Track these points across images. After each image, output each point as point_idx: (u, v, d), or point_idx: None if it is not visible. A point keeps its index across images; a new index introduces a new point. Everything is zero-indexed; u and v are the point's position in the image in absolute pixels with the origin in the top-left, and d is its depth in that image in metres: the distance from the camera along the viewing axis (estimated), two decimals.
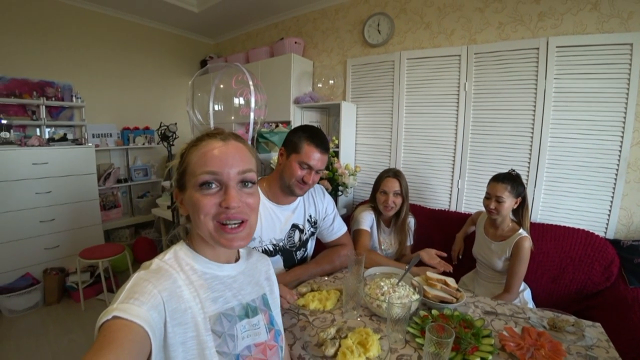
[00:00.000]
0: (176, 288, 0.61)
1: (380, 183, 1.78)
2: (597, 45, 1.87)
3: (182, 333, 0.59)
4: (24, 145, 2.61)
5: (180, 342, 0.59)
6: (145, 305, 0.53)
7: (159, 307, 0.56)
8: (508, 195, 1.59)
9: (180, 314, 0.59)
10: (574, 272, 1.80)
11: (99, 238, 3.01)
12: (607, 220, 1.94)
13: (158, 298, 0.56)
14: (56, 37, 3.01)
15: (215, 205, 0.64)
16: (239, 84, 1.82)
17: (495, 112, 2.23)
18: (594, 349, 0.94)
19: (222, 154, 0.65)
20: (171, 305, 0.58)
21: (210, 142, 0.67)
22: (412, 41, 2.56)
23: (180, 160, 0.70)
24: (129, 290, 0.55)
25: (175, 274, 0.63)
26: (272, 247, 1.34)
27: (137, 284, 0.57)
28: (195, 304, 0.62)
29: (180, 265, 0.66)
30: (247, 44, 3.87)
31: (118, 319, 0.50)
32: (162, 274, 0.61)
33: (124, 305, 0.51)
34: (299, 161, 1.25)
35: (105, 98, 3.37)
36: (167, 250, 0.69)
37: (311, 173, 1.26)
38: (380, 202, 1.76)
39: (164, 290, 0.58)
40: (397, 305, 0.94)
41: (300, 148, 1.26)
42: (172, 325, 0.58)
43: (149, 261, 0.65)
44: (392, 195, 1.72)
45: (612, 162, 1.90)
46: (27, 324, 2.37)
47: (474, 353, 0.88)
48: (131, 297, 0.53)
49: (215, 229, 0.65)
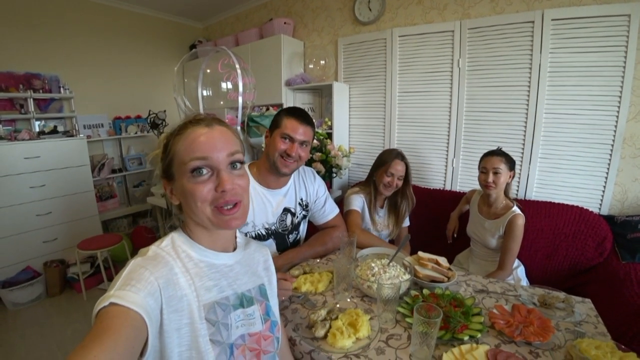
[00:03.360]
0: (172, 275, 0.61)
1: (387, 165, 1.71)
2: (594, 17, 1.81)
3: (177, 320, 0.59)
4: (14, 140, 2.58)
5: (175, 329, 0.59)
6: (142, 292, 0.53)
7: (156, 293, 0.56)
8: (504, 168, 1.59)
9: (176, 301, 0.60)
10: (567, 248, 1.80)
11: (97, 229, 3.03)
12: (601, 196, 1.93)
13: (155, 285, 0.56)
14: (40, 28, 2.92)
15: (210, 191, 0.65)
16: (226, 67, 1.77)
17: (490, 89, 2.18)
18: (582, 325, 0.95)
19: (210, 139, 0.65)
20: (167, 292, 0.58)
21: (196, 129, 0.66)
22: (404, 17, 2.48)
23: (164, 150, 0.69)
24: (125, 277, 0.55)
25: (172, 261, 0.63)
26: (265, 231, 1.34)
27: (134, 270, 0.57)
28: (190, 291, 0.62)
29: (177, 252, 0.66)
30: (236, 26, 3.77)
31: (115, 305, 0.50)
32: (158, 260, 0.61)
33: (120, 292, 0.52)
34: (281, 134, 1.26)
35: (95, 88, 3.30)
36: (164, 237, 0.69)
37: (294, 145, 1.25)
38: (383, 182, 1.72)
39: (160, 277, 0.58)
40: (387, 286, 0.95)
41: (281, 122, 1.27)
42: (168, 312, 0.58)
43: (146, 248, 0.65)
44: (397, 179, 1.72)
45: (607, 137, 1.87)
46: (31, 315, 2.41)
47: (463, 331, 0.89)
48: (128, 283, 0.54)
49: (213, 213, 0.66)
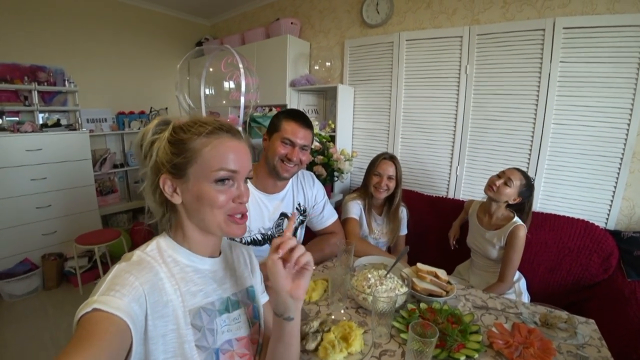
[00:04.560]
0: (158, 280, 0.60)
1: (374, 166, 1.73)
2: (607, 27, 1.76)
3: (162, 326, 0.58)
4: (17, 132, 2.58)
5: (161, 335, 0.58)
6: (126, 298, 0.52)
7: (140, 299, 0.55)
8: (517, 185, 1.54)
9: (162, 306, 0.59)
10: (571, 263, 1.76)
11: (96, 223, 3.02)
12: (608, 210, 1.88)
13: (139, 290, 0.55)
14: (46, 20, 2.92)
15: (228, 200, 0.66)
16: (229, 67, 1.75)
17: (497, 97, 2.14)
18: (585, 348, 0.91)
19: (241, 154, 0.67)
20: (152, 297, 0.57)
21: (227, 140, 0.66)
22: (412, 21, 2.45)
23: (179, 147, 0.63)
24: (109, 281, 0.54)
25: (157, 266, 0.62)
26: (261, 237, 1.32)
27: (118, 275, 0.56)
28: (176, 297, 0.62)
29: (163, 257, 0.65)
30: (242, 24, 3.75)
31: (98, 311, 0.48)
32: (143, 265, 0.60)
33: (104, 298, 0.50)
34: (281, 138, 1.24)
35: (99, 82, 3.30)
36: (149, 241, 0.68)
37: (295, 149, 1.23)
38: (372, 184, 1.71)
39: (145, 283, 0.57)
40: (382, 300, 0.91)
41: (279, 126, 1.25)
42: (153, 318, 0.57)
43: (130, 252, 0.64)
44: (385, 178, 1.69)
45: (616, 150, 1.82)
46: (27, 308, 2.41)
47: (460, 351, 0.85)
48: (112, 289, 0.52)
49: (225, 221, 0.67)
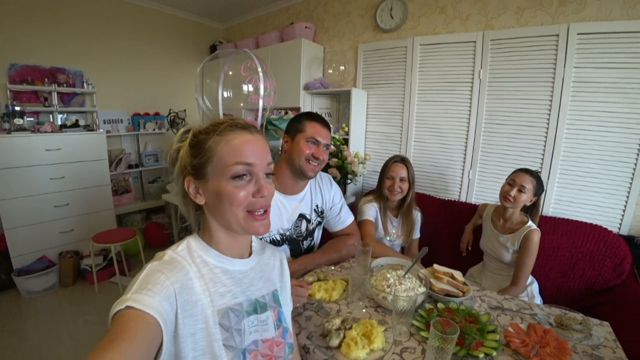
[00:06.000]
0: (188, 280, 0.62)
1: (386, 169, 1.78)
2: (622, 32, 1.77)
3: (192, 325, 0.60)
4: (37, 132, 2.65)
5: (190, 334, 0.60)
6: (157, 296, 0.54)
7: (171, 298, 0.57)
8: (531, 189, 1.58)
9: (191, 306, 0.61)
10: (584, 267, 1.77)
11: (111, 222, 3.09)
12: (621, 215, 1.88)
13: (170, 289, 0.57)
14: (66, 23, 3.01)
15: (247, 195, 0.66)
16: (248, 70, 1.80)
17: (510, 102, 2.16)
18: (600, 349, 0.93)
19: (255, 146, 0.68)
20: (182, 297, 0.59)
21: (241, 134, 0.67)
22: (426, 26, 2.48)
23: (197, 148, 0.67)
24: (142, 280, 0.56)
25: (187, 266, 0.64)
26: (280, 237, 1.35)
27: (150, 274, 0.58)
28: (205, 296, 0.63)
29: (192, 257, 0.66)
30: (256, 28, 3.81)
31: (131, 309, 0.51)
32: (174, 265, 0.62)
33: (137, 296, 0.52)
34: (306, 138, 1.28)
35: (116, 84, 3.38)
36: (180, 241, 0.70)
37: (320, 148, 1.29)
38: (386, 187, 1.76)
39: (176, 282, 0.59)
40: (403, 298, 0.94)
41: (304, 127, 1.30)
42: (183, 317, 0.59)
43: (163, 252, 0.66)
44: (398, 180, 1.73)
45: (630, 156, 1.83)
46: (44, 304, 2.47)
47: (478, 348, 0.88)
48: (144, 287, 0.54)
49: (244, 218, 0.67)
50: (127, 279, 2.81)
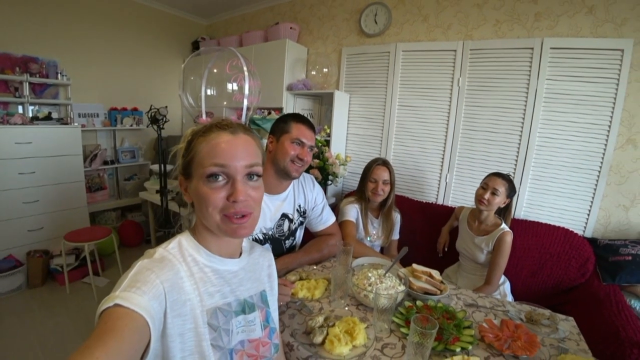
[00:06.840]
0: (178, 279, 0.61)
1: (369, 171, 1.81)
2: (590, 49, 1.90)
3: (180, 324, 0.60)
4: (6, 124, 2.52)
5: (179, 334, 0.59)
6: (146, 295, 0.53)
7: (160, 297, 0.56)
8: (503, 192, 1.66)
9: (180, 305, 0.60)
10: (552, 267, 1.88)
11: (84, 220, 2.97)
12: (586, 219, 2.01)
13: (160, 288, 0.56)
14: (41, 11, 2.87)
15: (222, 199, 0.64)
16: (233, 69, 1.78)
17: (487, 109, 2.26)
18: (566, 342, 0.99)
19: (231, 146, 0.66)
20: (172, 296, 0.59)
21: (220, 134, 0.67)
22: (409, 33, 2.55)
23: (187, 147, 0.69)
24: (131, 278, 0.55)
25: (178, 264, 0.63)
26: (262, 236, 1.35)
27: (140, 272, 0.57)
28: (194, 296, 0.63)
29: (184, 256, 0.66)
30: (241, 26, 3.78)
31: (119, 307, 0.50)
32: (165, 263, 0.61)
33: (126, 294, 0.52)
34: (291, 139, 1.30)
35: (93, 77, 3.26)
36: (171, 239, 0.69)
37: (304, 149, 1.31)
38: (369, 190, 1.79)
39: (166, 281, 0.58)
40: (384, 296, 0.97)
41: (289, 128, 1.31)
42: (172, 317, 0.58)
43: (153, 249, 0.65)
44: (381, 183, 1.76)
45: (595, 164, 1.96)
46: (11, 306, 2.34)
47: (455, 343, 0.92)
48: (133, 285, 0.54)
49: (222, 221, 0.65)
50: (101, 280, 2.72)
